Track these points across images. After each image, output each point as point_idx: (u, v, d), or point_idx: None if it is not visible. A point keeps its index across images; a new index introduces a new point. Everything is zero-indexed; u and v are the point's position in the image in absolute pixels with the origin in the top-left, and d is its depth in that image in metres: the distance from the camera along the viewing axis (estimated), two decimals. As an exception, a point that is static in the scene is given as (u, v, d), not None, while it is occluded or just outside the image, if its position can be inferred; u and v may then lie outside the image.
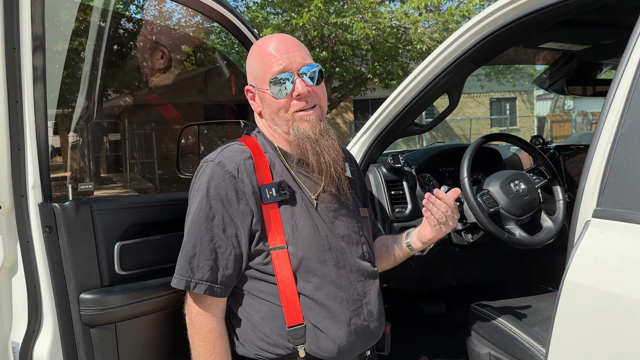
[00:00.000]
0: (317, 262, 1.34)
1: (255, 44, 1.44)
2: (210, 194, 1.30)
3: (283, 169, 1.39)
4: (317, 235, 1.35)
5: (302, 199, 1.37)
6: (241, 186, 1.31)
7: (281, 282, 1.32)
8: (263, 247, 1.32)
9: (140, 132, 11.81)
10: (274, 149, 1.41)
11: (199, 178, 1.34)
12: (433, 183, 2.36)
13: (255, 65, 1.40)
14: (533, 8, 1.53)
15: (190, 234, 1.32)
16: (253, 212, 1.31)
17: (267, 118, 1.41)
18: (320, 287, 1.34)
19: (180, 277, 1.32)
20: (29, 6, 1.36)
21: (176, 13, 11.13)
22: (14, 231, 1.42)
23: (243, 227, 1.31)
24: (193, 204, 1.33)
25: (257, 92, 1.41)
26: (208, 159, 1.36)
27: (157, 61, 6.31)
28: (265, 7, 12.20)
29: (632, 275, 1.08)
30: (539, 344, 1.72)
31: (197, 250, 1.30)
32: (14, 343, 1.46)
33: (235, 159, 1.33)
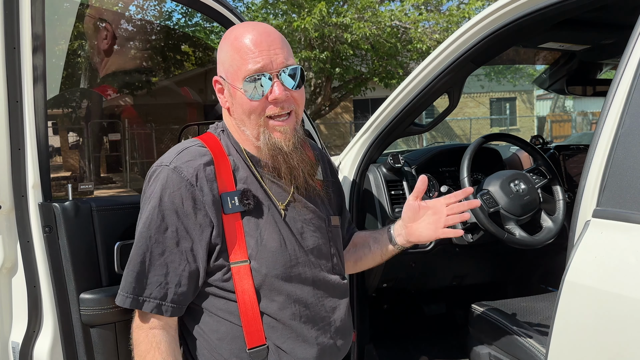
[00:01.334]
0: (283, 280, 1.22)
1: (231, 31, 1.25)
2: (163, 203, 1.16)
3: (248, 174, 1.25)
4: (283, 249, 1.22)
5: (268, 208, 1.24)
6: (199, 195, 1.17)
7: (242, 300, 1.20)
8: (223, 262, 1.19)
9: (140, 132, 11.81)
10: (239, 152, 1.27)
11: (152, 183, 1.19)
12: (433, 183, 2.36)
13: (228, 56, 1.22)
14: (533, 8, 1.53)
15: (138, 246, 1.17)
16: (213, 224, 1.18)
17: (236, 117, 1.26)
18: (285, 306, 1.22)
19: (125, 295, 1.17)
20: (29, 6, 1.36)
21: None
22: (14, 231, 1.42)
23: (200, 241, 1.17)
24: (143, 213, 1.19)
25: (227, 86, 1.25)
26: (162, 162, 1.20)
27: (102, 42, 5.75)
28: (264, 8, 12.21)
29: (632, 275, 1.08)
30: (539, 344, 1.72)
31: (146, 265, 1.16)
32: (14, 343, 1.46)
33: (194, 163, 1.19)
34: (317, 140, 2.03)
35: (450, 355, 2.52)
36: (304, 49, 11.51)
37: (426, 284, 2.52)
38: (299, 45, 11.59)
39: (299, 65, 1.23)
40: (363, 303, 2.30)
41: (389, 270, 2.21)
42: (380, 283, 2.28)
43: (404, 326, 2.83)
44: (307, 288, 1.26)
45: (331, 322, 1.30)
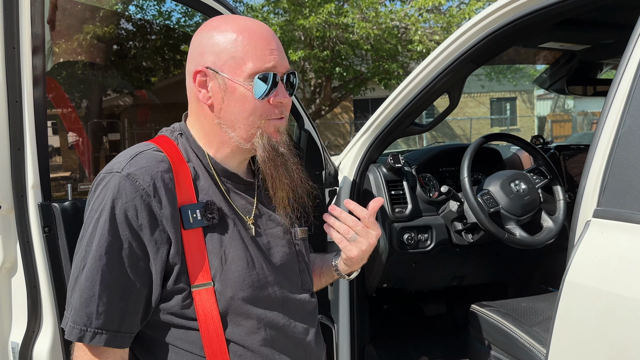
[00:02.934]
0: (251, 302, 1.08)
1: (223, 20, 1.10)
2: (115, 216, 0.99)
3: (210, 184, 1.10)
4: (251, 268, 1.09)
5: (233, 223, 1.10)
6: (157, 207, 1.01)
7: (205, 328, 1.04)
8: (183, 285, 1.04)
9: (141, 132, 11.80)
10: (201, 158, 1.11)
11: (100, 193, 1.02)
12: (433, 183, 2.36)
13: (230, 47, 1.06)
14: (533, 8, 1.53)
15: (88, 268, 0.99)
16: (170, 241, 1.02)
17: (225, 117, 1.09)
18: (254, 331, 1.09)
19: (72, 326, 1.00)
20: (28, 6, 1.36)
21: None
22: (14, 231, 1.42)
23: (155, 260, 1.02)
24: (89, 228, 1.02)
25: (219, 80, 1.07)
26: (112, 169, 1.03)
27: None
28: (265, 7, 12.22)
29: (632, 275, 1.08)
30: (539, 344, 1.72)
31: (95, 290, 0.99)
32: (13, 343, 1.46)
33: (151, 170, 1.02)
34: (317, 140, 2.02)
35: (450, 355, 2.52)
36: (303, 47, 11.51)
37: (426, 284, 2.52)
38: (299, 43, 11.59)
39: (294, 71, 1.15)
40: (363, 303, 2.30)
41: (389, 270, 2.21)
42: (380, 283, 2.28)
43: (404, 326, 2.83)
44: (277, 309, 1.13)
45: (305, 344, 1.17)
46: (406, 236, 2.16)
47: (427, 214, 2.22)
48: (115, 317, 1.01)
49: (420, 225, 2.19)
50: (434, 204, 2.25)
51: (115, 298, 1.00)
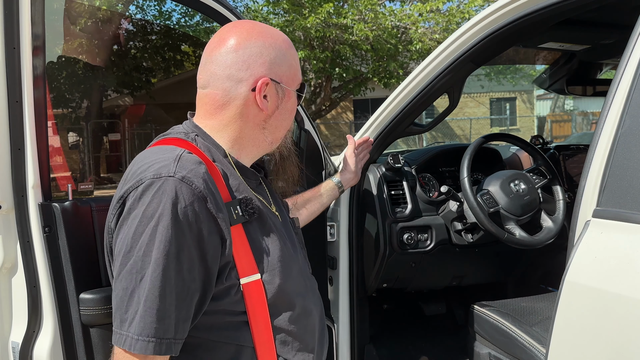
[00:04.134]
0: (292, 290, 1.14)
1: (278, 34, 1.18)
2: (177, 222, 0.98)
3: (240, 181, 1.14)
4: (288, 257, 1.15)
5: (267, 216, 1.15)
6: (213, 208, 1.02)
7: (254, 319, 1.08)
8: (234, 280, 1.06)
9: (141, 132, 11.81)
10: (224, 157, 1.15)
11: (152, 199, 0.99)
12: (433, 183, 2.36)
13: (285, 59, 1.16)
14: (533, 8, 1.53)
15: (151, 278, 0.97)
16: (225, 240, 1.05)
17: (272, 122, 1.17)
18: (295, 317, 1.15)
19: (147, 339, 0.97)
20: (28, 6, 1.36)
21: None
22: (14, 231, 1.42)
23: (213, 263, 1.03)
24: (143, 236, 0.98)
25: (281, 91, 1.16)
26: (161, 174, 1.00)
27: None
28: (265, 7, 12.22)
29: (632, 275, 1.08)
30: (539, 344, 1.72)
31: (166, 300, 0.97)
32: (13, 343, 1.46)
33: (199, 172, 1.02)
34: (317, 140, 2.03)
35: (450, 355, 2.52)
36: (303, 48, 11.51)
37: (426, 284, 2.52)
38: (299, 44, 11.59)
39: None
40: (363, 303, 2.30)
41: (389, 270, 2.22)
42: (380, 283, 2.28)
43: (404, 326, 2.83)
44: (306, 295, 1.20)
45: (323, 325, 1.26)
46: (406, 236, 2.16)
47: (427, 214, 2.22)
48: (173, 325, 0.99)
49: (420, 225, 2.19)
50: (433, 204, 2.25)
51: (173, 306, 0.99)
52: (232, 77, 1.11)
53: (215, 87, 1.13)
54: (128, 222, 1.00)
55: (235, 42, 1.11)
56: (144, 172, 1.02)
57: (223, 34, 1.14)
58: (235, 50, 1.11)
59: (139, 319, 0.97)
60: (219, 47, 1.12)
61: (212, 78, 1.13)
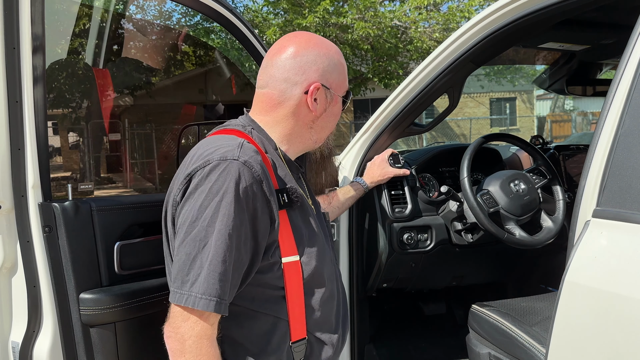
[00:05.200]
0: (325, 273, 1.30)
1: (331, 46, 1.33)
2: (239, 199, 1.12)
3: (287, 172, 1.30)
4: (323, 244, 1.31)
5: (307, 205, 1.31)
6: (267, 191, 1.17)
7: (291, 295, 1.23)
8: (277, 258, 1.21)
9: (141, 132, 11.81)
10: (275, 149, 1.30)
11: (219, 177, 1.13)
12: (433, 183, 2.36)
13: (336, 68, 1.31)
14: (533, 8, 1.53)
15: (215, 245, 1.11)
16: (274, 220, 1.19)
17: (319, 124, 1.33)
18: (325, 299, 1.30)
19: (209, 298, 1.10)
20: (28, 6, 1.36)
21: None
22: (14, 231, 1.42)
23: (263, 238, 1.18)
24: (208, 209, 1.12)
25: (329, 96, 1.31)
26: (227, 157, 1.15)
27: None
28: (265, 7, 12.22)
29: (632, 275, 1.08)
30: (539, 344, 1.72)
31: (226, 265, 1.11)
32: (13, 343, 1.46)
33: (257, 159, 1.17)
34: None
35: (450, 355, 2.52)
36: None
37: (426, 284, 2.52)
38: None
39: None
40: (363, 303, 2.31)
41: (389, 271, 2.22)
42: (380, 283, 2.28)
43: (404, 326, 2.83)
44: (334, 280, 1.35)
45: (346, 310, 1.42)
46: (406, 236, 2.16)
47: (427, 214, 2.22)
48: (227, 288, 1.13)
49: (420, 225, 2.19)
50: (433, 204, 2.25)
51: (230, 272, 1.13)
52: (289, 80, 1.26)
53: (273, 87, 1.27)
54: (195, 195, 1.13)
55: (294, 50, 1.26)
56: (211, 154, 1.16)
57: (284, 42, 1.29)
58: (293, 57, 1.26)
59: (203, 280, 1.10)
60: (279, 53, 1.27)
61: (271, 80, 1.27)
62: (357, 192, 2.02)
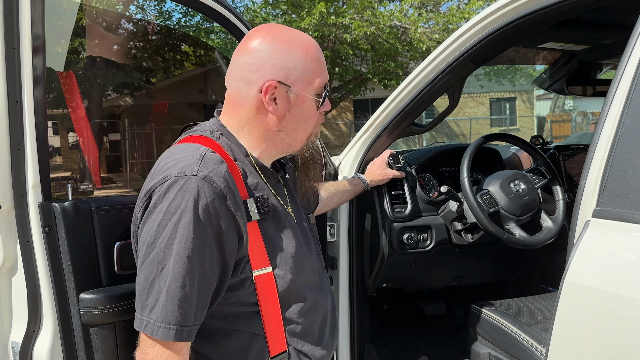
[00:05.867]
0: (303, 285, 1.22)
1: (297, 39, 1.19)
2: (198, 218, 1.04)
3: (258, 180, 1.21)
4: (301, 254, 1.22)
5: (283, 214, 1.22)
6: (232, 206, 1.09)
7: (266, 309, 1.16)
8: (247, 273, 1.14)
9: (140, 132, 11.81)
10: (245, 156, 1.21)
11: (177, 196, 1.05)
12: (433, 183, 2.36)
13: (300, 63, 1.17)
14: (533, 8, 1.53)
15: (173, 269, 1.04)
16: (241, 235, 1.12)
17: (286, 126, 1.20)
18: (305, 310, 1.23)
19: (168, 326, 1.04)
20: (28, 6, 1.36)
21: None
22: (14, 231, 1.42)
23: (231, 255, 1.11)
24: (165, 230, 1.05)
25: (290, 94, 1.17)
26: (185, 172, 1.06)
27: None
28: (265, 7, 12.22)
29: (632, 275, 1.08)
30: (539, 344, 1.72)
31: (186, 290, 1.05)
32: (13, 343, 1.46)
33: (220, 171, 1.09)
34: (318, 140, 2.03)
35: (450, 355, 2.52)
36: None
37: (426, 284, 2.52)
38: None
39: None
40: (363, 303, 2.31)
41: (389, 270, 2.21)
42: (380, 283, 2.28)
43: (404, 326, 2.83)
44: (317, 290, 1.27)
45: (333, 316, 1.35)
46: (406, 236, 2.16)
47: (427, 214, 2.22)
48: (193, 313, 1.07)
49: (420, 225, 2.19)
50: (433, 204, 2.25)
51: (194, 296, 1.06)
52: (244, 78, 1.16)
53: (231, 86, 1.19)
54: (153, 215, 1.07)
55: (251, 45, 1.16)
56: (170, 169, 1.08)
57: (245, 37, 1.20)
58: (249, 53, 1.15)
59: (161, 307, 1.05)
60: (238, 50, 1.18)
61: (230, 78, 1.19)
62: (357, 188, 2.01)
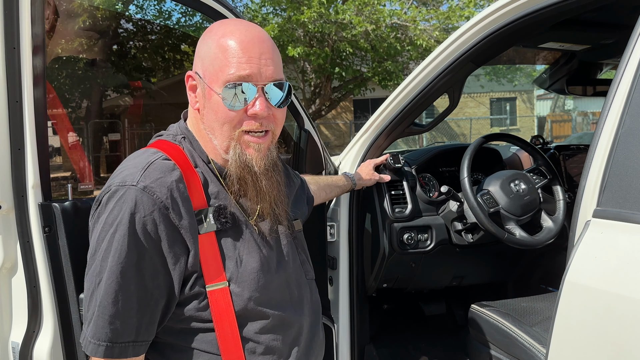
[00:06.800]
0: (265, 302, 1.11)
1: (219, 25, 1.10)
2: (134, 231, 0.98)
3: (220, 188, 1.11)
4: (265, 270, 1.11)
5: (245, 225, 1.11)
6: (175, 219, 1.01)
7: (221, 327, 1.07)
8: (199, 289, 1.06)
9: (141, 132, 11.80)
10: (206, 162, 1.12)
11: (114, 207, 1.00)
12: (433, 183, 2.36)
13: (211, 52, 1.06)
14: (533, 8, 1.53)
15: (106, 283, 0.98)
16: (189, 250, 1.04)
17: (206, 123, 1.10)
18: (268, 328, 1.12)
19: (97, 343, 0.99)
20: (28, 6, 1.36)
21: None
22: (14, 231, 1.42)
23: (175, 271, 1.03)
24: (103, 242, 1.00)
25: (201, 86, 1.09)
26: (126, 182, 1.01)
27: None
28: (264, 6, 12.22)
29: (632, 275, 1.08)
30: (539, 344, 1.72)
31: (119, 306, 0.99)
32: (14, 343, 1.46)
33: (165, 181, 1.02)
34: (317, 140, 2.03)
35: (450, 355, 2.52)
36: (302, 45, 11.51)
37: (426, 284, 2.52)
38: (299, 41, 11.59)
39: (287, 82, 1.11)
40: (363, 303, 2.30)
41: (389, 270, 2.21)
42: (380, 283, 2.28)
43: (404, 326, 2.83)
44: (287, 305, 1.16)
45: (314, 330, 1.23)
46: (406, 236, 2.16)
47: (427, 214, 2.22)
48: (133, 328, 1.01)
49: (420, 225, 2.19)
50: (433, 204, 2.25)
51: (133, 311, 1.01)
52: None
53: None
54: (96, 226, 1.03)
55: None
56: (114, 177, 1.04)
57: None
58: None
59: (94, 322, 1.00)
60: None
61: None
62: (344, 185, 1.95)
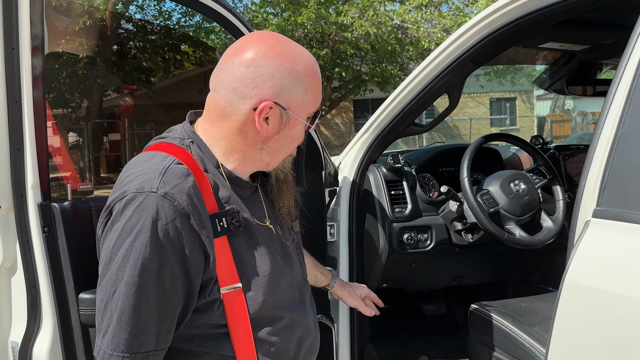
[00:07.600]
0: (279, 305, 1.13)
1: (301, 57, 1.12)
2: (157, 239, 0.97)
3: (230, 193, 1.12)
4: (277, 272, 1.13)
5: (256, 228, 1.13)
6: (196, 225, 1.01)
7: (235, 330, 1.08)
8: (215, 293, 1.06)
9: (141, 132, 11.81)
10: (216, 167, 1.13)
11: (132, 214, 0.98)
12: (433, 183, 2.36)
13: (299, 87, 1.10)
14: (533, 8, 1.53)
15: (125, 293, 0.97)
16: (208, 255, 1.04)
17: (271, 145, 1.13)
18: (281, 329, 1.14)
19: (118, 354, 0.97)
20: (28, 6, 1.36)
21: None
22: (13, 231, 1.42)
23: (196, 279, 1.03)
24: (120, 251, 0.98)
25: (284, 116, 1.10)
26: (144, 188, 0.99)
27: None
28: (264, 7, 12.22)
29: (632, 275, 1.08)
30: (539, 344, 1.72)
31: (139, 315, 0.98)
32: (13, 343, 1.46)
33: (184, 187, 1.01)
34: (317, 140, 2.02)
35: (450, 355, 2.52)
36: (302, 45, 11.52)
37: (426, 284, 2.52)
38: (298, 42, 11.60)
39: None
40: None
41: (389, 270, 2.21)
42: (380, 283, 2.28)
43: (404, 326, 2.83)
44: (295, 306, 1.19)
45: (315, 330, 1.26)
46: (406, 236, 2.16)
47: (427, 214, 2.22)
48: (153, 337, 1.00)
49: (420, 225, 2.19)
50: (433, 204, 2.25)
51: (153, 319, 0.99)
52: (237, 91, 1.07)
53: (220, 95, 1.10)
54: (110, 234, 1.00)
55: (251, 56, 1.07)
56: (129, 183, 1.01)
57: (243, 43, 1.10)
58: (247, 65, 1.06)
59: (112, 334, 0.98)
60: (234, 56, 1.08)
61: (220, 85, 1.09)
62: (322, 280, 1.64)
